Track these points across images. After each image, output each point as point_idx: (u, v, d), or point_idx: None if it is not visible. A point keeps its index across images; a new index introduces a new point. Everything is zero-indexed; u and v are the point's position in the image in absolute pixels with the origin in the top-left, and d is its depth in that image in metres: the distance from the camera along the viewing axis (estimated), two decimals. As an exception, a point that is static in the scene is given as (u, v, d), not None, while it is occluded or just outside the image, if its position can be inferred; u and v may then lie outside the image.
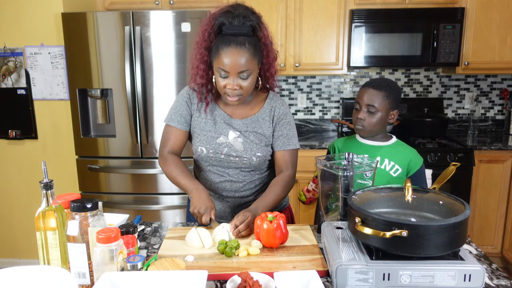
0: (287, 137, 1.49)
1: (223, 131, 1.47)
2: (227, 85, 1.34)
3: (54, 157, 2.97)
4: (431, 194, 1.11)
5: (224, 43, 1.30)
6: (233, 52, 1.29)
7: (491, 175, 2.86)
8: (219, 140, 1.47)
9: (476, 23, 2.93)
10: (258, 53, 1.35)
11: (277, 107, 1.50)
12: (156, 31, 2.60)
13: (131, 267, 0.99)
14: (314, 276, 0.97)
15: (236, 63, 1.30)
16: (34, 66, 2.87)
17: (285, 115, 1.50)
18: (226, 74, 1.32)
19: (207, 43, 1.37)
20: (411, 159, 1.55)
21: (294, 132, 1.52)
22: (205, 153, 1.48)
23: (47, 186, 1.04)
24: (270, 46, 1.41)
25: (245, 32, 1.31)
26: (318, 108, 3.51)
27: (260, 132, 1.47)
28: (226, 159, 1.47)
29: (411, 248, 0.93)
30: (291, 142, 1.50)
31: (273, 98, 1.52)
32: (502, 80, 3.37)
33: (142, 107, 2.66)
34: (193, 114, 1.50)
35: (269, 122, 1.49)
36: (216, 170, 1.52)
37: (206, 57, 1.39)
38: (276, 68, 1.48)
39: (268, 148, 1.50)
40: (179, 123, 1.49)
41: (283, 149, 1.49)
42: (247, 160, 1.47)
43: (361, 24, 2.94)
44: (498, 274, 1.08)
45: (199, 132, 1.49)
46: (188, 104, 1.50)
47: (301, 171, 2.89)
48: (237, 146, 1.46)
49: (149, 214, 2.79)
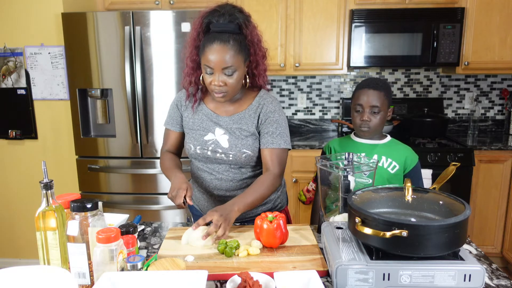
0: (272, 136, 1.46)
1: (210, 128, 1.49)
2: (212, 81, 1.36)
3: (54, 157, 2.97)
4: (431, 194, 1.11)
5: (209, 40, 1.33)
6: (217, 48, 1.32)
7: (491, 175, 2.86)
8: (206, 137, 1.49)
9: (476, 23, 2.93)
10: (243, 50, 1.37)
11: (265, 104, 1.48)
12: (156, 31, 2.60)
13: (131, 267, 0.99)
14: (314, 276, 0.97)
15: (220, 60, 1.32)
16: (34, 66, 2.87)
17: (273, 113, 1.47)
18: (211, 71, 1.35)
19: (196, 42, 1.41)
20: (407, 156, 1.57)
21: (283, 131, 1.48)
22: (193, 150, 1.52)
23: (47, 186, 1.04)
24: (259, 44, 1.42)
25: (231, 30, 1.34)
26: (318, 108, 3.51)
27: (245, 128, 1.47)
28: (212, 155, 1.49)
29: (411, 248, 0.93)
30: (277, 141, 1.45)
31: (262, 96, 1.51)
32: (502, 80, 3.37)
33: (142, 107, 2.66)
34: (183, 114, 1.56)
35: (254, 118, 1.48)
36: (207, 167, 1.53)
37: (195, 56, 1.43)
38: (266, 66, 1.49)
39: (256, 145, 1.48)
40: (173, 125, 1.58)
41: (268, 147, 1.46)
42: (233, 157, 1.47)
43: (361, 24, 2.94)
44: (498, 274, 1.08)
45: (188, 130, 1.54)
46: (178, 107, 1.57)
47: (301, 171, 2.91)
48: (223, 143, 1.47)
49: (149, 214, 2.79)
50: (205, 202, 1.58)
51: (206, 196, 1.57)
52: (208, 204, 1.57)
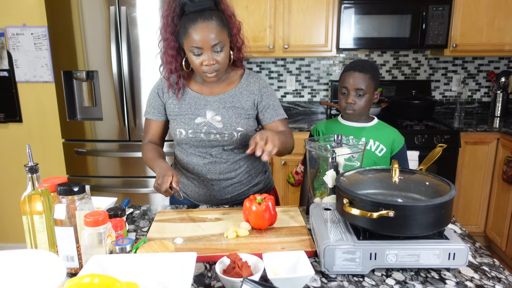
0: (274, 108, 1.49)
1: (200, 112, 1.47)
2: (203, 62, 1.33)
3: (40, 140, 2.93)
4: (418, 175, 1.13)
5: (191, 21, 1.30)
6: (201, 27, 1.29)
7: (476, 156, 2.91)
8: (197, 121, 1.47)
9: (465, 5, 2.93)
10: (225, 25, 1.35)
11: (255, 81, 1.50)
12: (143, 11, 2.54)
13: (120, 250, 0.99)
14: (302, 257, 0.98)
15: (208, 38, 1.29)
16: (17, 47, 2.79)
17: (265, 88, 1.50)
18: (200, 51, 1.32)
19: (172, 27, 1.36)
20: (394, 138, 1.58)
21: (279, 103, 1.54)
22: (184, 135, 1.48)
23: (32, 170, 1.02)
24: (234, 17, 1.41)
25: (209, 6, 1.31)
26: (307, 90, 3.50)
27: (239, 106, 1.46)
28: (206, 137, 1.47)
29: (397, 228, 0.94)
30: (280, 112, 1.51)
31: (250, 74, 1.53)
32: (489, 62, 3.40)
33: (129, 89, 2.62)
34: (165, 102, 1.52)
35: (247, 96, 1.47)
36: (199, 152, 1.51)
37: (173, 42, 1.39)
38: (243, 39, 1.47)
39: (250, 122, 1.48)
40: (154, 114, 1.54)
41: (274, 119, 1.49)
42: (228, 137, 1.46)
43: (350, 6, 2.91)
44: (481, 252, 1.11)
45: (175, 116, 1.50)
46: (160, 95, 1.53)
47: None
48: (216, 124, 1.46)
49: (138, 197, 2.78)
50: (195, 187, 1.55)
51: (196, 182, 1.54)
52: (199, 190, 1.55)
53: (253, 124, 1.51)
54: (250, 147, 1.25)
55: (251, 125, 1.50)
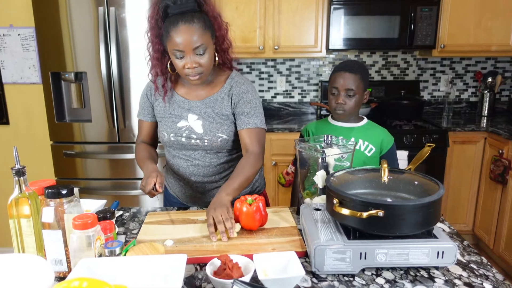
0: (248, 116, 1.43)
1: (183, 115, 1.46)
2: (185, 65, 1.32)
3: (28, 143, 2.89)
4: (407, 175, 1.14)
5: (172, 23, 1.28)
6: (183, 29, 1.27)
7: (464, 155, 2.94)
8: (179, 124, 1.46)
9: (452, 6, 2.96)
10: (208, 27, 1.33)
11: (237, 86, 1.46)
12: (132, 12, 2.52)
13: (109, 252, 0.98)
14: (293, 257, 0.98)
15: (189, 40, 1.28)
16: (3, 49, 2.75)
17: (246, 93, 1.45)
18: (182, 54, 1.31)
19: (156, 30, 1.36)
20: (383, 138, 1.59)
21: (258, 111, 1.46)
22: (167, 138, 1.49)
23: (19, 173, 1.01)
24: (220, 19, 1.39)
25: (191, 8, 1.30)
26: (297, 91, 3.51)
27: (218, 111, 1.44)
28: (187, 142, 1.46)
29: (387, 228, 0.95)
30: (253, 121, 1.43)
31: (234, 77, 1.48)
32: (476, 62, 3.44)
33: (119, 90, 2.60)
34: (154, 104, 1.53)
35: (227, 100, 1.45)
36: (182, 154, 1.51)
37: (158, 45, 1.38)
38: (230, 41, 1.45)
39: (231, 128, 1.46)
40: (145, 115, 1.56)
41: (245, 127, 1.43)
42: (209, 142, 1.45)
43: (340, 6, 2.93)
44: (469, 250, 1.12)
45: (161, 119, 1.51)
46: (148, 96, 1.53)
47: (280, 154, 2.92)
48: (197, 128, 1.45)
49: (127, 199, 2.76)
50: (182, 189, 1.56)
51: (183, 183, 1.55)
52: (185, 191, 1.55)
53: (234, 129, 1.48)
54: (210, 235, 1.16)
55: (233, 130, 1.47)
